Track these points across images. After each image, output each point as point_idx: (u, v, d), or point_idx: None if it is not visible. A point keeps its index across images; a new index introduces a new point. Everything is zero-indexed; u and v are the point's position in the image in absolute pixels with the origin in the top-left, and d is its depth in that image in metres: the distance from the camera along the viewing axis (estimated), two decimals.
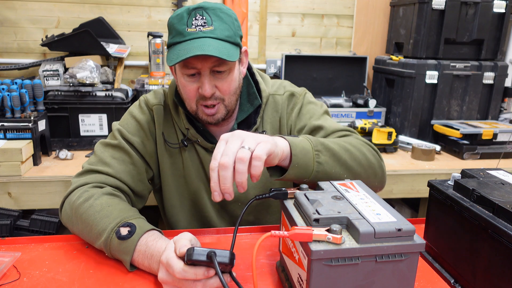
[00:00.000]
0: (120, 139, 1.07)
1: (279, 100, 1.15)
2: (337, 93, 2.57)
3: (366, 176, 0.95)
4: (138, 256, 0.82)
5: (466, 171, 0.90)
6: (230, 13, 0.99)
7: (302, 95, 1.17)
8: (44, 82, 1.98)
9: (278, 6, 2.51)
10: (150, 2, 2.37)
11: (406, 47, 2.33)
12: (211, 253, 0.67)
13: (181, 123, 1.11)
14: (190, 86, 1.00)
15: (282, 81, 1.22)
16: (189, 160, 1.13)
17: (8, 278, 0.80)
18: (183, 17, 0.95)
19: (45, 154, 1.83)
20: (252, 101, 1.12)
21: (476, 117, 2.31)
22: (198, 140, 1.10)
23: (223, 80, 1.00)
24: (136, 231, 0.84)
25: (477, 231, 0.74)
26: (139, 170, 1.08)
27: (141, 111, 1.13)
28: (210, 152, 1.12)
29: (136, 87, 2.14)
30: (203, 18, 0.94)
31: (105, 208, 0.90)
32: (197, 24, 0.94)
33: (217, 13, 0.95)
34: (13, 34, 2.29)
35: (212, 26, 0.94)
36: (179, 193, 1.17)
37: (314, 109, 1.15)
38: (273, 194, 0.77)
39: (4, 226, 1.47)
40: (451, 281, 0.82)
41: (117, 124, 1.12)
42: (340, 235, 0.59)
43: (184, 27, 0.94)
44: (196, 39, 0.93)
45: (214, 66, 0.97)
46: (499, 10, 2.20)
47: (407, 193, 1.88)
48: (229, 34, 0.97)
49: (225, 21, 0.96)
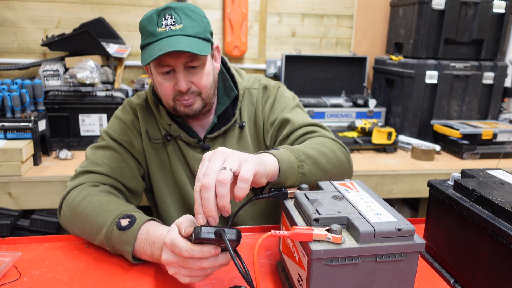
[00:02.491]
0: (108, 140, 1.10)
1: (255, 93, 1.19)
2: (337, 93, 2.57)
3: (339, 174, 0.96)
4: (139, 245, 0.82)
5: (466, 171, 0.90)
6: (198, 11, 1.02)
7: (275, 88, 1.21)
8: (44, 82, 1.98)
9: (278, 6, 2.51)
10: (150, 2, 2.37)
11: (406, 47, 2.33)
12: (220, 231, 0.65)
13: (163, 120, 1.14)
14: (166, 84, 1.03)
15: (258, 75, 1.26)
16: (174, 155, 1.16)
17: (8, 278, 0.80)
18: (153, 18, 0.98)
19: (45, 154, 1.83)
20: (228, 93, 1.16)
21: (476, 117, 2.31)
22: (181, 135, 1.13)
23: (197, 74, 1.03)
24: (136, 221, 0.84)
25: (477, 231, 0.74)
26: (130, 167, 1.10)
27: (125, 112, 1.16)
28: (193, 147, 1.15)
29: (136, 87, 2.14)
30: (172, 17, 0.97)
31: (104, 204, 0.91)
32: (166, 24, 0.97)
33: (185, 11, 0.99)
34: (13, 34, 2.29)
35: (182, 24, 0.97)
36: (169, 189, 1.19)
37: (286, 103, 1.18)
38: (273, 194, 0.77)
39: (4, 226, 1.47)
40: (451, 281, 0.82)
41: (104, 127, 1.16)
42: (340, 235, 0.59)
43: (154, 27, 0.97)
44: (167, 38, 0.96)
45: (187, 62, 1.00)
46: (499, 10, 2.20)
47: (407, 193, 1.89)
48: (198, 30, 1.00)
49: (193, 19, 0.99)
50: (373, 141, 2.08)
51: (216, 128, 1.15)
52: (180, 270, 0.71)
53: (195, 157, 1.15)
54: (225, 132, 1.16)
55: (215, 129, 1.15)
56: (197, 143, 1.14)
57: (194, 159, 1.15)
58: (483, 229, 0.72)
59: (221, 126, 1.15)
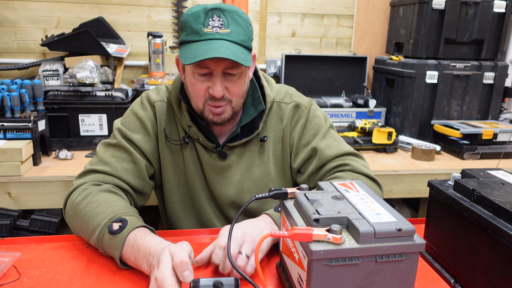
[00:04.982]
0: (119, 138, 1.08)
1: (285, 109, 1.15)
2: (337, 93, 2.57)
3: None
4: (126, 251, 0.82)
5: (466, 171, 0.90)
6: (245, 18, 0.99)
7: (307, 107, 1.16)
8: (44, 82, 1.98)
9: (278, 6, 2.50)
10: (150, 2, 2.36)
11: (406, 47, 2.33)
12: (219, 283, 0.68)
13: (183, 120, 1.10)
14: (200, 85, 1.00)
15: (289, 89, 1.21)
16: (190, 158, 1.13)
17: (8, 278, 0.80)
18: (199, 16, 0.94)
19: (45, 154, 1.83)
20: (256, 106, 1.12)
21: (476, 117, 2.31)
22: (200, 138, 1.10)
23: (234, 82, 1.00)
24: (127, 226, 0.84)
25: (477, 231, 0.74)
26: (139, 168, 1.08)
27: (143, 108, 1.12)
28: (209, 152, 1.12)
29: (136, 87, 2.14)
30: (220, 19, 0.94)
31: (102, 204, 0.91)
32: (213, 25, 0.93)
33: (233, 16, 0.95)
34: (13, 34, 2.29)
35: (229, 28, 0.94)
36: (179, 190, 1.17)
37: (319, 124, 1.15)
38: (273, 194, 0.77)
39: (4, 226, 1.47)
40: (451, 281, 0.82)
41: (118, 122, 1.13)
42: (340, 235, 0.59)
43: (200, 26, 0.94)
44: (213, 40, 0.93)
45: (227, 68, 0.97)
46: (499, 10, 2.20)
47: (407, 193, 1.88)
48: (243, 38, 0.97)
49: (240, 25, 0.96)
50: (373, 141, 2.08)
51: (238, 138, 1.12)
52: None
53: (210, 163, 1.13)
54: (245, 143, 1.13)
55: (236, 138, 1.12)
56: (215, 148, 1.11)
57: (209, 164, 1.13)
58: (483, 229, 0.72)
59: (242, 137, 1.11)
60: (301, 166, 1.14)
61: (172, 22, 2.42)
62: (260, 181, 1.15)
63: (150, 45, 2.17)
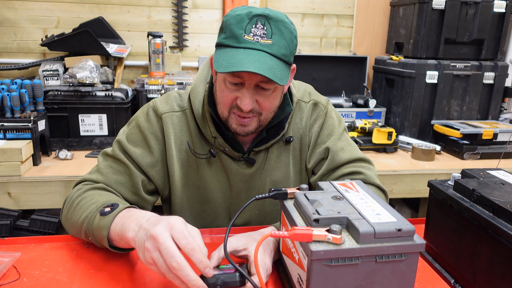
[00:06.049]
0: (117, 151, 1.03)
1: (304, 108, 1.11)
2: (337, 93, 2.57)
3: None
4: (115, 227, 0.79)
5: (466, 171, 0.90)
6: (292, 30, 0.91)
7: (325, 106, 1.12)
8: (44, 82, 1.98)
9: (278, 6, 2.50)
10: (150, 2, 2.36)
11: (406, 47, 2.33)
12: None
13: (207, 130, 1.03)
14: (229, 94, 0.93)
15: (307, 86, 1.16)
16: (211, 170, 1.07)
17: (8, 278, 0.79)
18: (242, 20, 0.87)
19: (45, 154, 1.83)
20: (283, 108, 1.05)
21: (476, 117, 2.31)
22: (226, 149, 1.03)
23: (266, 97, 0.94)
24: (118, 207, 0.83)
25: (477, 231, 0.74)
26: (133, 182, 1.02)
27: (147, 119, 1.05)
28: (236, 160, 1.07)
29: (136, 87, 2.14)
30: (264, 28, 0.87)
31: (96, 197, 0.90)
32: (255, 33, 0.86)
33: (279, 26, 0.88)
34: (13, 34, 2.29)
35: (271, 39, 0.87)
36: (190, 203, 1.11)
37: (333, 125, 1.11)
38: (273, 194, 0.77)
39: (4, 226, 1.47)
40: (451, 281, 0.82)
41: (122, 133, 1.08)
42: (340, 235, 0.59)
43: (241, 31, 0.87)
44: (251, 50, 0.86)
45: (261, 82, 0.91)
46: (499, 10, 2.20)
47: (407, 193, 1.88)
48: (285, 52, 0.89)
49: (285, 37, 0.89)
50: (373, 141, 2.08)
51: (263, 140, 1.05)
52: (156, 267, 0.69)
53: (238, 172, 1.06)
54: (271, 145, 1.08)
55: (263, 142, 1.05)
56: (242, 156, 1.05)
57: (237, 174, 1.06)
58: (483, 229, 0.72)
59: (268, 139, 1.05)
60: (315, 167, 1.11)
61: (172, 22, 2.42)
62: (280, 184, 1.11)
63: (150, 45, 2.17)
